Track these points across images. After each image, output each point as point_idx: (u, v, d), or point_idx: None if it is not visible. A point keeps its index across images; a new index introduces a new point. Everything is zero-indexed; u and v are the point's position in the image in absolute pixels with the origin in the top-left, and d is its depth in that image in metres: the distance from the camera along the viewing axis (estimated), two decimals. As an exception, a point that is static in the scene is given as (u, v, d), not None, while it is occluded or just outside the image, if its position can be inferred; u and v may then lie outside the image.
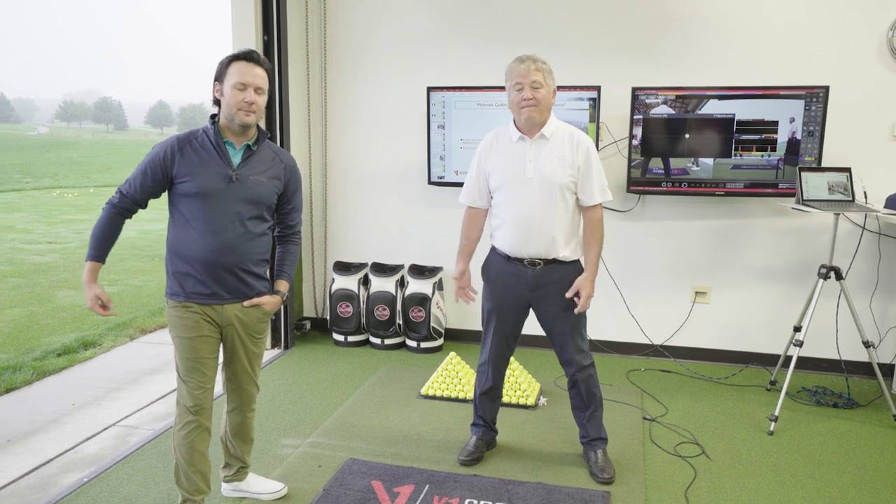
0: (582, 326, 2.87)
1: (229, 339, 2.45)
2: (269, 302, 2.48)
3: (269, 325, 2.56)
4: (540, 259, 2.77)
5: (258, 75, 2.30)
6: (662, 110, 4.07)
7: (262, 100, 2.33)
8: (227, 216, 2.31)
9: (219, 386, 2.57)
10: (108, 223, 2.33)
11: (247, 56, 2.30)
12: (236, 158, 2.35)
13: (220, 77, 2.32)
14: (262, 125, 4.28)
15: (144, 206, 2.38)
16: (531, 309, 2.89)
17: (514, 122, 2.80)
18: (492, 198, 2.86)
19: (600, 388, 2.95)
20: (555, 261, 2.77)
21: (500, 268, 2.85)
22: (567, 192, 2.73)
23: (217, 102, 2.34)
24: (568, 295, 2.78)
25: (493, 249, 2.90)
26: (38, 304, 6.13)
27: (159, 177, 2.30)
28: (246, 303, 2.42)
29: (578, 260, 2.84)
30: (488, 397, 3.03)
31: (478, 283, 2.98)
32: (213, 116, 2.37)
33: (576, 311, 2.79)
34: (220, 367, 2.52)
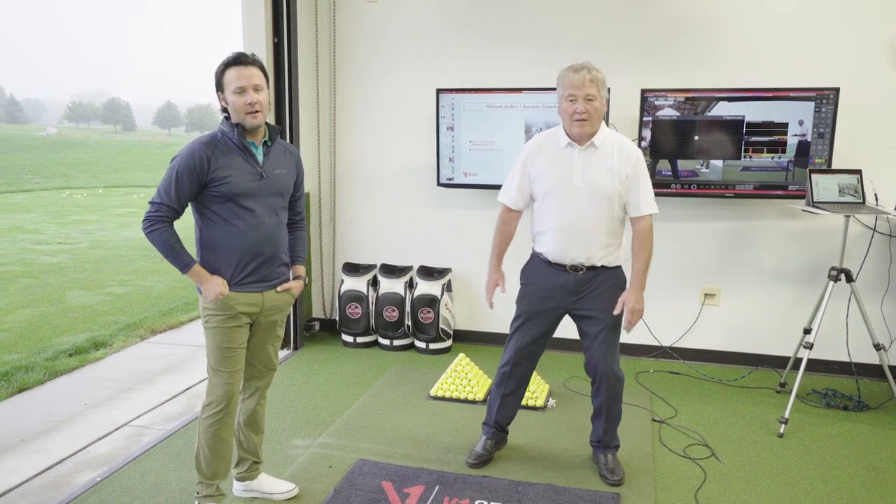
0: (617, 336, 2.85)
1: (263, 326, 2.56)
2: (296, 286, 2.63)
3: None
4: (583, 265, 2.76)
5: (253, 75, 2.35)
6: (668, 112, 4.07)
7: (264, 96, 2.38)
8: (263, 210, 2.44)
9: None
10: (171, 235, 2.35)
11: (237, 60, 2.35)
12: (259, 156, 2.45)
13: (219, 86, 2.38)
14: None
15: (182, 213, 2.41)
16: (567, 315, 2.87)
17: (563, 127, 2.77)
18: (533, 202, 2.86)
19: (622, 403, 2.94)
20: (597, 267, 2.76)
21: (541, 272, 2.84)
22: (614, 201, 2.70)
23: (225, 109, 2.41)
24: (615, 311, 2.76)
25: (535, 254, 2.89)
26: (49, 305, 6.18)
27: (196, 183, 2.34)
28: (279, 288, 2.55)
29: (621, 267, 2.83)
30: (509, 400, 3.01)
31: (513, 284, 2.96)
32: (226, 119, 2.42)
33: (623, 327, 2.77)
34: None
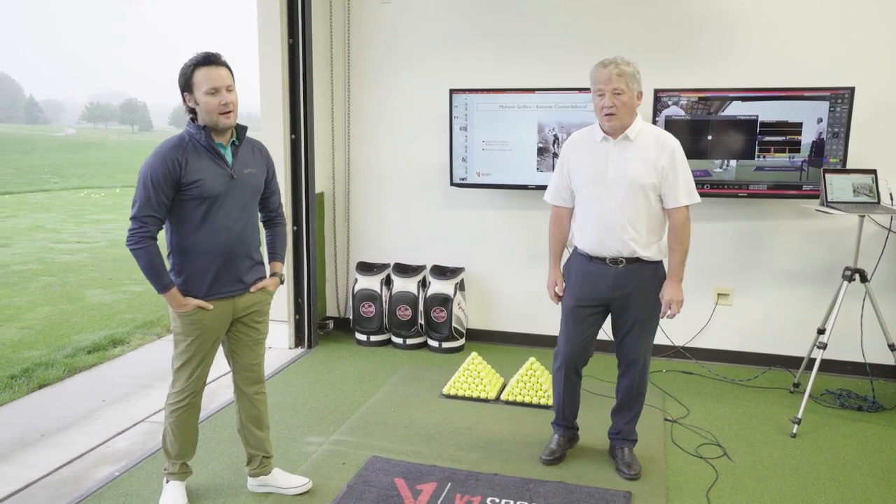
0: (653, 332, 2.89)
1: (239, 328, 2.59)
2: (272, 283, 2.65)
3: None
4: (622, 258, 2.77)
5: (224, 76, 2.35)
6: (673, 111, 4.06)
7: (235, 96, 2.38)
8: (234, 211, 2.45)
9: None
10: (157, 255, 2.37)
11: (207, 60, 2.34)
12: (228, 157, 2.45)
13: (187, 87, 2.36)
14: (282, 124, 4.36)
15: (164, 222, 2.42)
16: (609, 311, 2.89)
17: (598, 122, 2.79)
18: (574, 198, 2.89)
19: (644, 397, 2.96)
20: (637, 260, 2.77)
21: (582, 267, 2.86)
22: (650, 192, 2.71)
23: (192, 111, 2.40)
24: (661, 315, 2.80)
25: (576, 250, 2.91)
26: (68, 303, 6.27)
27: (171, 188, 2.34)
28: (253, 287, 2.56)
29: (661, 261, 2.84)
30: (566, 401, 3.04)
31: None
32: (192, 121, 2.41)
33: (668, 315, 2.79)
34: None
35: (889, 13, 3.88)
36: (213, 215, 2.40)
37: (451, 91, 4.43)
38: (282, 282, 2.72)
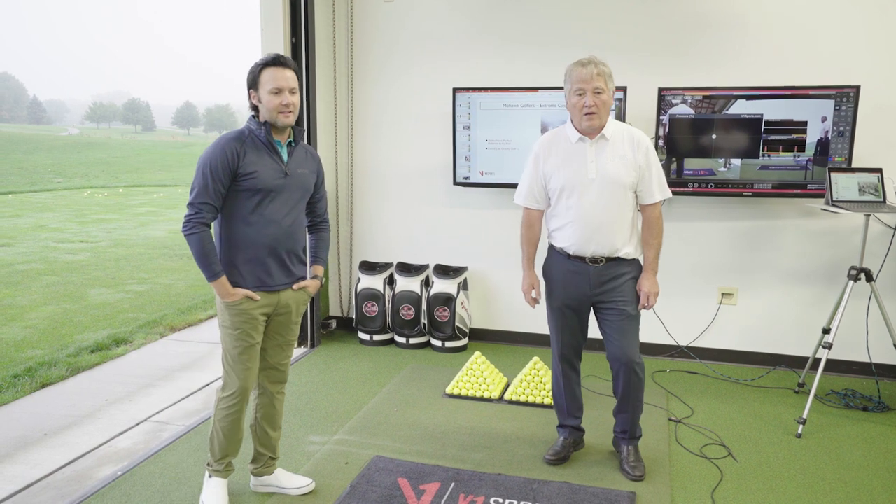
0: (637, 326, 2.88)
1: (278, 323, 2.61)
2: (312, 285, 2.67)
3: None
4: (602, 257, 2.78)
5: (289, 77, 2.43)
6: (681, 110, 4.05)
7: (297, 99, 2.47)
8: (285, 207, 2.50)
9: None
10: (209, 241, 2.40)
11: (275, 61, 2.42)
12: (284, 155, 2.51)
13: (254, 85, 2.44)
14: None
15: (220, 210, 2.45)
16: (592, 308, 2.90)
17: (572, 122, 2.79)
18: (549, 199, 2.87)
19: (643, 393, 2.95)
20: (617, 259, 2.79)
21: (562, 266, 2.86)
22: (629, 191, 2.74)
23: (254, 108, 2.47)
24: (640, 306, 2.82)
25: (553, 249, 2.91)
26: (71, 302, 6.28)
27: (228, 177, 2.39)
28: (295, 286, 2.60)
29: (638, 259, 2.85)
30: (568, 398, 3.04)
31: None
32: (254, 117, 2.48)
33: (640, 306, 2.81)
34: None
35: (893, 11, 3.85)
36: (264, 208, 2.44)
37: (455, 90, 4.42)
38: (321, 285, 2.76)
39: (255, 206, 2.44)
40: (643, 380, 2.90)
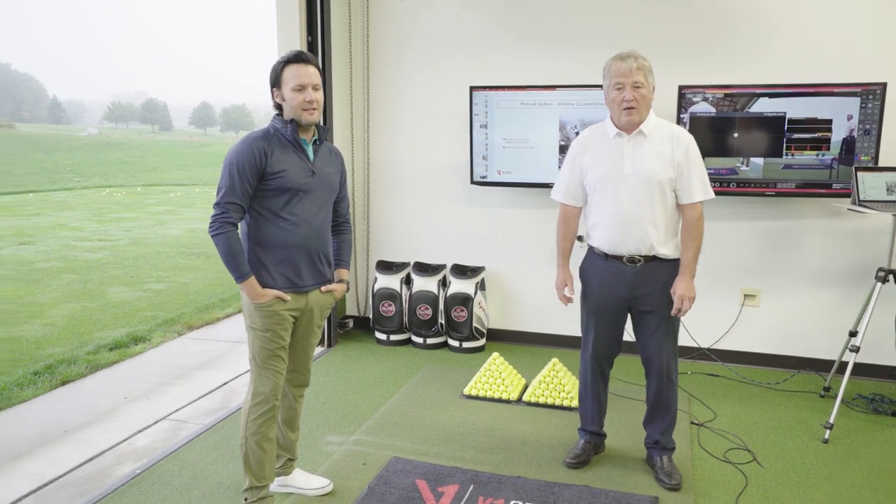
0: (676, 332, 2.82)
1: (303, 324, 2.57)
2: (339, 289, 2.64)
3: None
4: (640, 256, 2.71)
5: (312, 74, 2.39)
6: (702, 108, 3.99)
7: (321, 95, 2.43)
8: (314, 206, 2.47)
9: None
10: (236, 241, 2.35)
11: (297, 58, 2.39)
12: (310, 153, 2.48)
13: (276, 83, 2.41)
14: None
15: (247, 210, 2.41)
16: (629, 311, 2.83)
17: (611, 118, 2.74)
18: (586, 196, 2.82)
19: (677, 402, 2.90)
20: (655, 258, 2.71)
21: (599, 267, 2.80)
22: (666, 188, 2.66)
23: (278, 106, 2.44)
24: (673, 312, 2.73)
25: (591, 250, 2.85)
26: (90, 300, 6.32)
27: (255, 177, 2.35)
28: (323, 288, 2.56)
29: (678, 259, 2.77)
30: (594, 404, 2.99)
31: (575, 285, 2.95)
32: (278, 116, 2.45)
33: (672, 312, 2.73)
34: None
35: (924, 7, 3.77)
36: (293, 207, 2.41)
37: (472, 88, 4.39)
38: (347, 289, 2.72)
39: (284, 206, 2.40)
40: (676, 388, 2.85)
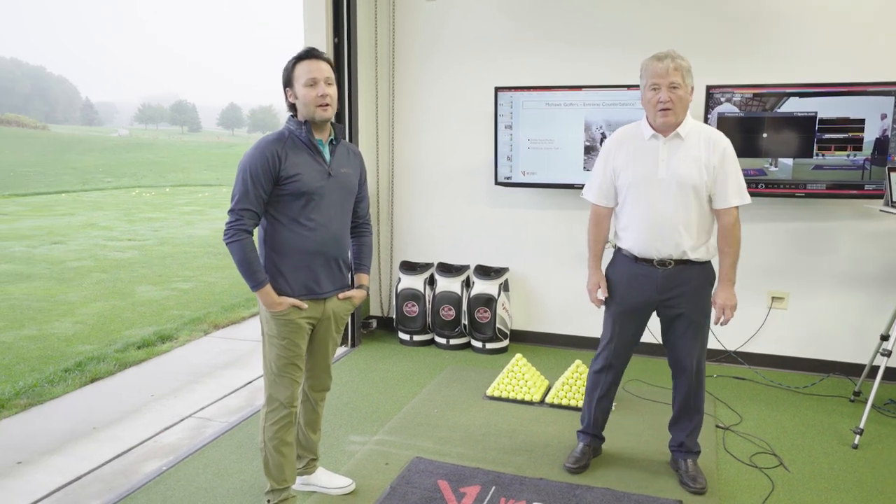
0: (705, 335, 2.78)
1: (321, 331, 2.54)
2: (358, 295, 2.59)
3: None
4: (671, 259, 2.68)
5: (324, 68, 2.34)
6: (729, 108, 3.93)
7: (334, 90, 2.37)
8: (331, 209, 2.42)
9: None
10: (252, 249, 2.32)
11: (307, 54, 2.35)
12: (326, 154, 2.43)
13: (288, 82, 2.37)
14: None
15: (262, 216, 2.38)
16: (655, 313, 2.80)
17: (647, 119, 2.69)
18: (617, 196, 2.79)
19: (703, 405, 2.87)
20: (686, 261, 2.67)
21: (628, 269, 2.76)
22: (702, 192, 2.61)
23: (292, 107, 2.40)
24: (713, 322, 2.71)
25: (619, 251, 2.82)
26: (119, 299, 6.44)
27: (270, 182, 2.31)
28: (341, 295, 2.52)
29: (710, 261, 2.74)
30: (602, 403, 2.96)
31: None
32: (292, 117, 2.41)
33: (720, 323, 2.71)
34: None
35: (961, 3, 3.67)
36: (310, 212, 2.36)
37: (497, 89, 4.38)
38: (367, 295, 2.67)
39: (300, 210, 2.35)
40: (703, 391, 2.82)
